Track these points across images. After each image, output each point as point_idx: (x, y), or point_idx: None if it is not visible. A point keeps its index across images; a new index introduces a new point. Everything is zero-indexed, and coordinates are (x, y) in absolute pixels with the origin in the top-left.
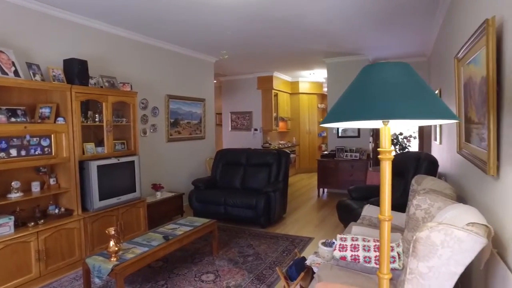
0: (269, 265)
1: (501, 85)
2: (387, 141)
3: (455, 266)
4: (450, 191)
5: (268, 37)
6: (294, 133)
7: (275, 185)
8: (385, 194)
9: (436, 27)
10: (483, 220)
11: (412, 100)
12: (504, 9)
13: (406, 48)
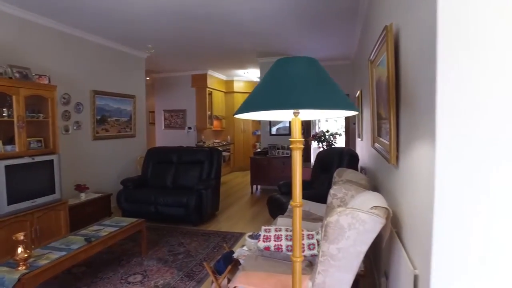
0: (200, 262)
1: (399, 84)
2: (298, 131)
3: (361, 245)
4: (364, 181)
5: (198, 34)
6: (229, 132)
7: (206, 183)
8: (296, 182)
9: (358, 32)
10: (384, 204)
11: (318, 91)
12: (399, 17)
13: (333, 51)
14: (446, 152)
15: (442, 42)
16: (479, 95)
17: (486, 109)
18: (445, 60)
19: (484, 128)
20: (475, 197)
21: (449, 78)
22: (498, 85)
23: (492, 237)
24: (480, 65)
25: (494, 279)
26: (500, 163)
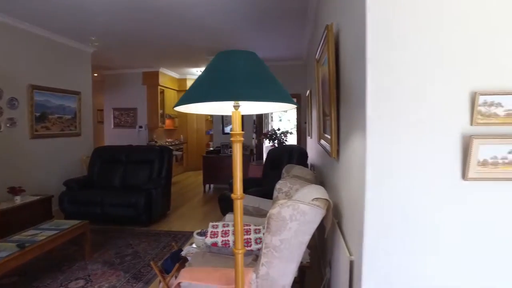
0: (148, 262)
1: (339, 82)
2: (238, 124)
3: (303, 236)
4: (310, 176)
5: (148, 29)
6: (182, 131)
7: (157, 182)
8: (237, 174)
9: (308, 33)
10: (325, 196)
11: (258, 84)
12: (339, 17)
13: (285, 51)
14: (374, 142)
15: (370, 43)
16: (402, 92)
17: (407, 104)
18: (372, 59)
19: (405, 121)
20: (397, 183)
21: (376, 76)
22: (419, 82)
23: (413, 225)
24: (403, 65)
25: (415, 258)
26: (420, 151)
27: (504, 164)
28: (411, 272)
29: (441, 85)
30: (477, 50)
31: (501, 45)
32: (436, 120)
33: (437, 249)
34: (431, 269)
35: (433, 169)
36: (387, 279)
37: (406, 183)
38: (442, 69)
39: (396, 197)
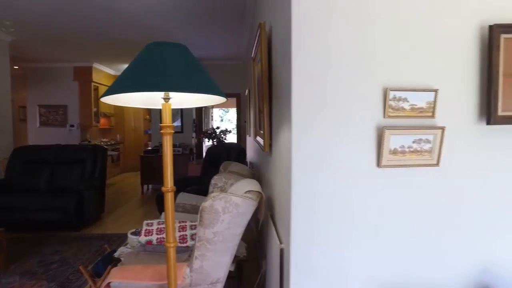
0: (78, 268)
1: (272, 78)
2: (168, 117)
3: (235, 228)
4: (246, 172)
5: (79, 19)
6: (118, 130)
7: (89, 183)
8: (168, 167)
9: (247, 32)
10: (258, 188)
11: (188, 76)
12: (271, 16)
13: (225, 51)
14: (299, 135)
15: (295, 43)
16: (325, 88)
17: (330, 100)
18: (296, 59)
19: (328, 114)
20: (321, 173)
21: (300, 74)
22: (340, 80)
23: (335, 211)
24: (326, 65)
25: (337, 242)
26: (341, 143)
27: (410, 152)
28: (333, 256)
29: (359, 82)
30: (389, 52)
31: (408, 49)
32: (355, 113)
33: (357, 233)
34: (351, 251)
35: (353, 158)
36: (313, 263)
37: (329, 173)
38: (360, 68)
39: (320, 186)
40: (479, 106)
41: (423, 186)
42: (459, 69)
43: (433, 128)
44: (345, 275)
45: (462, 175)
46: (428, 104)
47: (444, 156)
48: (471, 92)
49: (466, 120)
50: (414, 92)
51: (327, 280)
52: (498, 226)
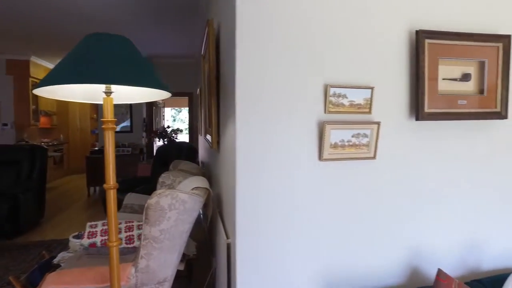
0: (9, 281)
1: (220, 76)
2: (110, 111)
3: (183, 225)
4: (196, 170)
5: (12, 5)
6: (62, 130)
7: (25, 186)
8: (110, 163)
9: (200, 30)
10: (206, 185)
11: (131, 69)
12: (220, 13)
13: (179, 49)
14: (243, 129)
15: (239, 41)
16: (270, 84)
17: (274, 96)
18: (241, 57)
19: (273, 110)
20: (265, 167)
21: (244, 71)
22: (284, 77)
23: (279, 204)
24: (271, 62)
25: (281, 235)
26: (285, 137)
27: (349, 146)
28: (278, 248)
29: (302, 79)
30: (329, 50)
31: (346, 49)
32: (298, 109)
33: (300, 224)
34: (296, 243)
35: (296, 152)
36: (258, 256)
37: (272, 167)
38: (302, 65)
39: (264, 179)
40: (409, 103)
41: (362, 178)
42: (392, 70)
43: (370, 123)
44: (290, 266)
45: (396, 166)
46: (366, 100)
47: (379, 149)
48: (403, 90)
49: (398, 116)
50: (352, 89)
51: (273, 272)
52: (426, 214)
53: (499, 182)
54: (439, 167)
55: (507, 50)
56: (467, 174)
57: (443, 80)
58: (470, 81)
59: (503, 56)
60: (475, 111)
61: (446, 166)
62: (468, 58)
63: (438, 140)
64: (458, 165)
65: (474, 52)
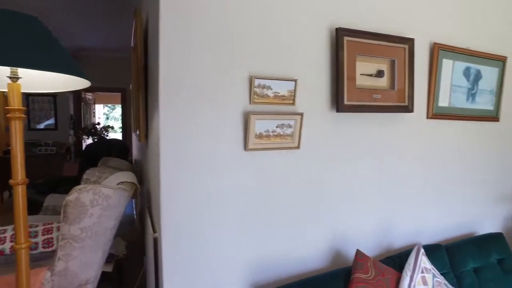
0: None
1: (148, 68)
2: (16, 99)
3: (107, 221)
4: (126, 167)
5: None
6: None
7: None
8: (17, 156)
9: (131, 23)
10: (133, 179)
11: (42, 52)
12: (146, 4)
13: (111, 43)
14: (168, 119)
15: (163, 29)
16: (195, 76)
17: (200, 86)
18: (164, 48)
19: (198, 100)
20: (190, 158)
21: (167, 61)
22: (208, 67)
23: (205, 195)
24: (195, 53)
25: (208, 225)
26: (211, 128)
27: (274, 136)
28: (206, 240)
29: (227, 70)
30: (253, 41)
31: (271, 42)
32: (224, 99)
33: (226, 215)
34: (223, 233)
35: (222, 142)
36: (185, 249)
37: (198, 157)
38: (227, 56)
39: (190, 170)
40: (330, 96)
41: (287, 167)
42: (315, 64)
43: (294, 114)
44: (217, 257)
45: (318, 156)
46: (289, 92)
47: (303, 139)
48: (325, 83)
49: (321, 107)
50: (276, 81)
51: (200, 264)
52: (346, 200)
53: (407, 169)
54: (358, 156)
55: (412, 51)
56: (381, 163)
57: (360, 76)
58: (383, 77)
59: (409, 57)
60: (387, 104)
61: (363, 154)
62: (381, 56)
63: (356, 131)
64: (373, 154)
65: (386, 51)
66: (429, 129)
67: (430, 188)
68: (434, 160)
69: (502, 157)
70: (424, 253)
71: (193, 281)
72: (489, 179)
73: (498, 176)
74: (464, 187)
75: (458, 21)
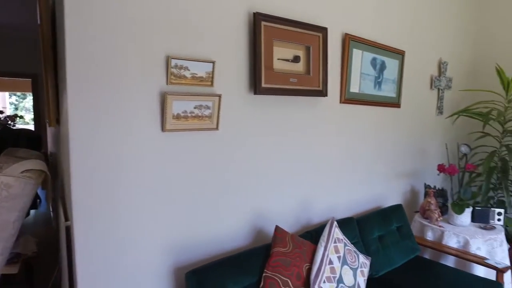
0: None
1: (56, 45)
2: None
3: (8, 213)
4: (36, 157)
5: None
6: None
7: None
8: None
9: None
10: (41, 167)
11: None
12: None
13: (19, 19)
14: (76, 102)
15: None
16: (105, 56)
17: (110, 66)
18: (71, 26)
19: (109, 81)
20: (103, 140)
21: (76, 41)
22: (120, 47)
23: (123, 178)
24: (104, 33)
25: (123, 209)
26: (125, 108)
27: (192, 117)
28: (119, 224)
29: (142, 49)
30: (170, 20)
31: (188, 22)
32: (139, 79)
33: (144, 197)
34: (142, 217)
35: (137, 123)
36: (97, 235)
37: (112, 139)
38: (141, 34)
39: (105, 152)
40: (249, 78)
41: (206, 148)
42: (234, 46)
43: (212, 96)
44: (136, 242)
45: (238, 137)
46: (208, 74)
47: (223, 121)
48: (243, 66)
49: (239, 89)
50: (194, 62)
51: (118, 250)
52: (267, 180)
53: (323, 150)
54: (277, 138)
55: (325, 39)
56: (299, 144)
57: (278, 60)
58: (299, 63)
59: (323, 44)
60: (303, 88)
61: (282, 136)
62: (297, 42)
63: (274, 113)
64: (291, 136)
65: (302, 38)
66: (342, 112)
67: (344, 168)
68: (346, 142)
69: (402, 139)
70: (337, 226)
71: (110, 267)
72: (392, 159)
73: (398, 156)
74: (372, 167)
75: (367, 16)
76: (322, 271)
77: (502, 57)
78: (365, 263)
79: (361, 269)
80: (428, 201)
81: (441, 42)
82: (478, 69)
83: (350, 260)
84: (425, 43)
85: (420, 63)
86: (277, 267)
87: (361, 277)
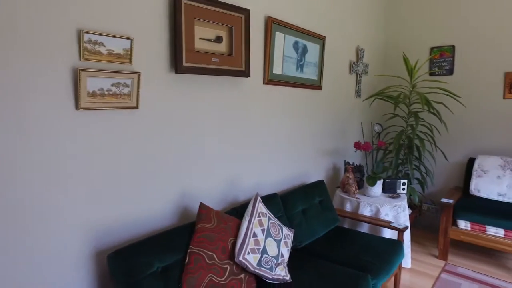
0: None
1: None
2: None
3: None
4: None
5: None
6: None
7: None
8: None
9: None
10: None
11: None
12: None
13: None
14: None
15: None
16: None
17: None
18: None
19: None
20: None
21: None
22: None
23: (36, 160)
24: None
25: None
26: (33, 85)
27: (109, 95)
28: (36, 206)
29: (48, 19)
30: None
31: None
32: (48, 54)
33: (58, 179)
34: (55, 198)
35: (49, 102)
36: (12, 221)
37: (20, 117)
38: (49, 4)
39: (10, 133)
40: (170, 57)
41: (126, 128)
42: (153, 24)
43: (130, 73)
44: (55, 225)
45: (159, 116)
46: (125, 51)
47: (143, 99)
48: (164, 44)
49: (160, 68)
50: (110, 38)
51: (37, 235)
52: (190, 159)
53: (248, 130)
54: (201, 117)
55: (247, 21)
56: (223, 124)
57: (200, 40)
58: (222, 43)
59: (245, 26)
60: (226, 68)
61: (206, 116)
62: (220, 23)
63: (198, 93)
64: (215, 116)
65: (224, 18)
66: (265, 93)
67: (270, 147)
68: (270, 122)
69: (324, 120)
70: (261, 201)
71: (29, 253)
72: (315, 138)
73: (321, 136)
74: (296, 146)
75: (289, 0)
76: (246, 243)
77: (410, 41)
78: (289, 234)
79: (285, 240)
80: (347, 176)
81: (359, 30)
82: (390, 55)
83: (274, 232)
84: (344, 30)
85: (340, 49)
86: (202, 242)
87: (284, 248)
